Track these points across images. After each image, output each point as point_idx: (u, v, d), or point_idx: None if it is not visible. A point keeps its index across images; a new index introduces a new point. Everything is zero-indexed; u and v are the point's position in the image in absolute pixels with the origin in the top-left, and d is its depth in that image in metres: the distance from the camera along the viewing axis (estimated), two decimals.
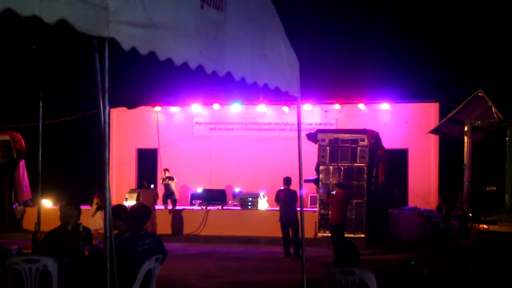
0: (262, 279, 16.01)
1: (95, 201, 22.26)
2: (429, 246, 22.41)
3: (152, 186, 26.10)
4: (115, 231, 9.41)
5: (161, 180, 27.52)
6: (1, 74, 10.06)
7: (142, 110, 26.15)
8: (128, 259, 8.27)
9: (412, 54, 29.04)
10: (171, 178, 27.24)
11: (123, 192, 27.37)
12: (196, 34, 7.19)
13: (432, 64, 28.90)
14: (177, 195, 27.58)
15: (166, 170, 27.62)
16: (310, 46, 25.75)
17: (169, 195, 26.89)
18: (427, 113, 28.56)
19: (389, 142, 25.62)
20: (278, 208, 21.00)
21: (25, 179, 27.29)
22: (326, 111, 29.42)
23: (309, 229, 22.53)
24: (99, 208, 21.39)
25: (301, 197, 10.77)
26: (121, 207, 10.59)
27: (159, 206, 25.98)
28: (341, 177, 23.10)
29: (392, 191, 25.62)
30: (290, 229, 20.10)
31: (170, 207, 26.43)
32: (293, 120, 28.09)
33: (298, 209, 17.68)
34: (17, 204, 27.05)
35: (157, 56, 6.51)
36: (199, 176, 29.27)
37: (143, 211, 9.24)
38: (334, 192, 20.79)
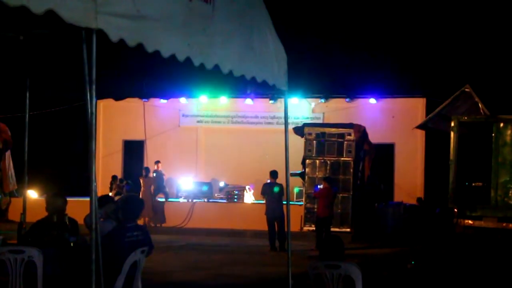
0: (247, 272, 16.03)
1: (114, 186, 25.14)
2: (414, 241, 22.46)
3: (154, 174, 26.13)
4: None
5: (153, 172, 27.44)
6: None
7: (129, 101, 25.83)
8: (114, 250, 8.25)
9: (399, 49, 29.07)
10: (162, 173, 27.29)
11: (109, 184, 27.37)
12: (184, 27, 7.18)
13: (419, 59, 28.95)
14: None
15: (158, 162, 27.53)
16: (298, 40, 25.73)
17: (161, 188, 26.83)
18: (414, 108, 28.64)
19: (375, 136, 25.67)
20: (264, 202, 21.02)
21: (11, 169, 27.17)
22: (313, 105, 29.49)
23: (295, 223, 22.53)
24: (117, 194, 22.75)
25: (287, 190, 10.76)
26: (106, 197, 10.60)
27: None
28: (327, 171, 23.12)
29: (378, 185, 25.69)
30: (276, 223, 20.10)
31: (161, 199, 26.37)
32: (280, 113, 28.16)
33: (284, 202, 17.72)
34: (2, 194, 26.96)
35: (145, 48, 6.50)
36: (186, 169, 29.27)
37: (137, 204, 9.12)
38: (321, 186, 20.81)
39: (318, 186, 21.10)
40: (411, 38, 29.41)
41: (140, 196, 25.09)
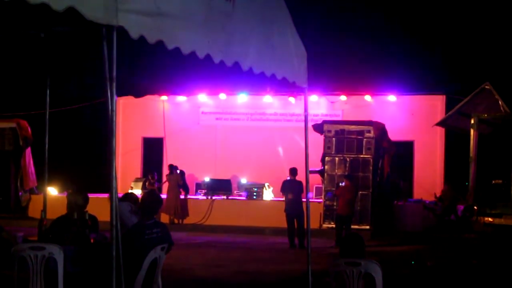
0: (266, 269, 16.03)
1: (147, 183, 26.03)
2: (434, 239, 22.40)
3: (178, 171, 25.99)
4: None
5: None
6: (9, 61, 10.08)
7: (149, 99, 26.22)
8: (134, 247, 8.29)
9: (419, 46, 28.97)
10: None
11: (128, 181, 27.45)
12: (205, 24, 7.19)
13: (439, 56, 28.84)
14: None
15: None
16: (318, 37, 25.69)
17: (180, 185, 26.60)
18: (434, 105, 28.50)
19: (395, 134, 25.59)
20: (283, 199, 21.01)
21: (31, 166, 27.31)
22: (332, 102, 29.38)
23: (314, 220, 22.51)
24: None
25: (306, 187, 10.76)
26: (130, 194, 10.66)
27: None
28: (347, 169, 23.10)
29: (398, 183, 25.61)
30: (295, 220, 20.09)
31: (182, 196, 26.11)
32: (300, 111, 28.06)
33: (304, 199, 17.71)
34: (22, 191, 27.09)
35: (165, 45, 6.51)
36: (205, 166, 29.27)
37: (155, 201, 9.22)
38: (342, 184, 20.79)
39: (340, 184, 21.08)
40: (430, 35, 29.30)
41: (166, 193, 25.16)
